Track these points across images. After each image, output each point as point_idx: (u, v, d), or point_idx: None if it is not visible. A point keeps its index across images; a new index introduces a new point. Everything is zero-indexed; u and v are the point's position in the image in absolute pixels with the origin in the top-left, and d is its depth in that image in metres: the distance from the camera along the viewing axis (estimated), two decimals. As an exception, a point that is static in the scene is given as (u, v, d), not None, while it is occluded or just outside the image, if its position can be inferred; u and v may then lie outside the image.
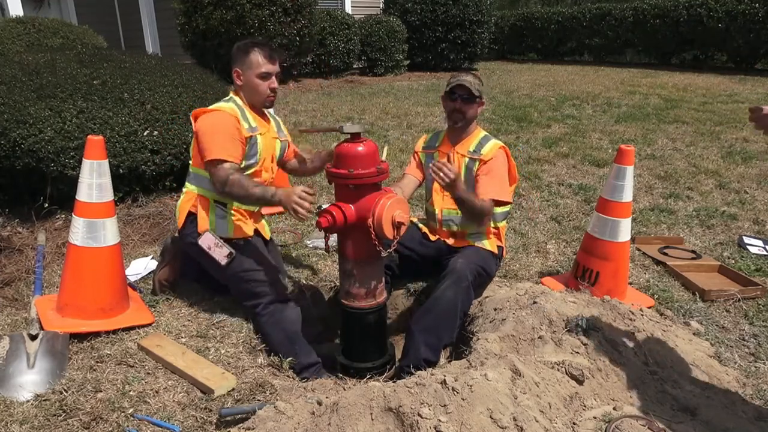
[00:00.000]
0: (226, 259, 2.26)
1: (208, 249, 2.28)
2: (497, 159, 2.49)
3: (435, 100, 7.64)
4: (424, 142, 2.77)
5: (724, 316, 2.54)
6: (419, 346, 2.32)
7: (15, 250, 3.07)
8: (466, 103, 2.48)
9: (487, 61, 14.13)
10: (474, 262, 2.48)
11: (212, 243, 2.27)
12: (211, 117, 2.26)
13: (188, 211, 2.35)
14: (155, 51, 9.30)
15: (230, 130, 2.22)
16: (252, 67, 2.27)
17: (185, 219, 2.36)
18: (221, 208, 2.34)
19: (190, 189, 2.39)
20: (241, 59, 2.29)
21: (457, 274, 2.38)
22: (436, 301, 2.35)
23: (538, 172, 4.62)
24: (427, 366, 2.26)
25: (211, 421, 1.81)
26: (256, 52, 2.27)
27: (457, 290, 2.35)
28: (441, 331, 2.34)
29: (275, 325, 2.27)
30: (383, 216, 2.03)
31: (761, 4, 10.32)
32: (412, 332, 2.37)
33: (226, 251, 2.26)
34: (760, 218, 3.61)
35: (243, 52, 2.28)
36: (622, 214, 2.57)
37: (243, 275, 2.29)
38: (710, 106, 7.22)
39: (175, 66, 4.44)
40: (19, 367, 1.97)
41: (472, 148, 2.53)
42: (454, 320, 2.36)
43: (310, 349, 2.33)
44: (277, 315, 2.28)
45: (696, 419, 1.80)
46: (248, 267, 2.30)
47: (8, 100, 3.33)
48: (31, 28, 6.56)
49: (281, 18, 8.02)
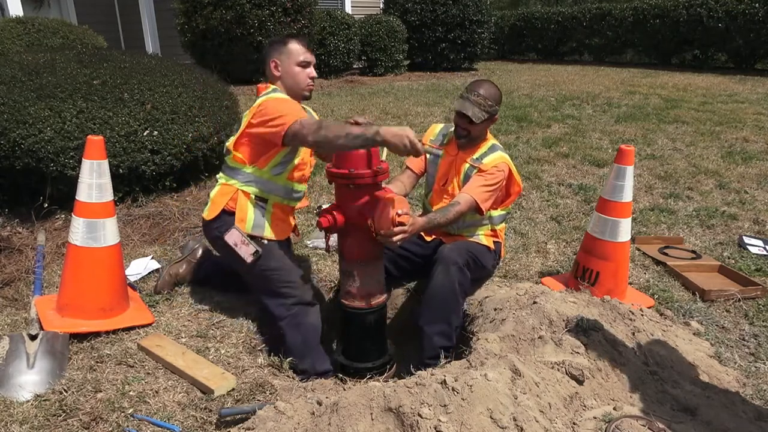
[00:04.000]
0: (251, 257, 2.22)
1: (234, 245, 2.23)
2: (494, 169, 2.47)
3: (435, 100, 7.64)
4: (432, 134, 2.72)
5: (724, 316, 2.54)
6: (432, 338, 2.35)
7: (15, 250, 3.07)
8: (471, 124, 2.45)
9: (487, 61, 14.14)
10: (463, 248, 2.48)
11: (239, 240, 2.23)
12: (277, 99, 2.21)
13: (223, 207, 2.27)
14: (155, 51, 9.29)
15: (298, 107, 2.22)
16: (291, 56, 2.27)
17: (218, 213, 2.28)
18: (261, 206, 2.30)
19: (229, 182, 2.31)
20: (279, 49, 2.29)
21: (445, 260, 2.39)
22: (432, 291, 2.37)
23: (538, 172, 4.62)
24: (445, 353, 2.31)
25: (211, 421, 1.81)
26: (295, 42, 2.29)
27: (449, 273, 2.35)
28: (448, 316, 2.37)
29: (295, 328, 2.25)
30: (384, 216, 2.03)
31: (761, 4, 10.32)
32: (422, 328, 2.39)
33: (252, 249, 2.22)
34: (760, 218, 3.61)
35: (281, 43, 2.30)
36: (622, 214, 2.57)
37: (269, 274, 2.26)
38: (710, 106, 7.22)
39: (175, 66, 4.43)
40: (19, 367, 1.96)
41: (476, 156, 2.53)
42: (456, 301, 2.38)
43: (326, 357, 2.33)
44: (299, 318, 2.26)
45: (696, 419, 1.80)
46: (274, 266, 2.26)
47: (8, 100, 3.33)
48: (31, 28, 6.56)
49: (281, 18, 8.02)
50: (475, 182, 2.45)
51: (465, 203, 2.40)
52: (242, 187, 2.28)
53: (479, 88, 2.45)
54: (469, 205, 2.41)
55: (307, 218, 3.65)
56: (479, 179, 2.45)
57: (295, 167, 2.33)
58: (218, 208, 2.28)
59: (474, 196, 2.41)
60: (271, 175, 2.28)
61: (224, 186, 2.32)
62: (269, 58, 2.30)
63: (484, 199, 2.43)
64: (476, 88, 2.45)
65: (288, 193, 2.35)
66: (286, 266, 2.29)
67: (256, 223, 2.28)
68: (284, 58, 2.28)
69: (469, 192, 2.42)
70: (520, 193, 2.71)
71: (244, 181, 2.28)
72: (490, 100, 2.44)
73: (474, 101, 2.41)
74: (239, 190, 2.28)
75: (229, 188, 2.30)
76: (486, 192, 2.44)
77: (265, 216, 2.31)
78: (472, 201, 2.41)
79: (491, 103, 2.44)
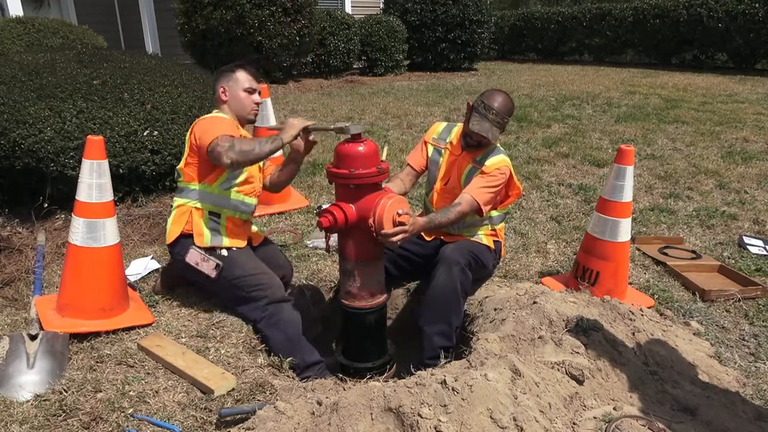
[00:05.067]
0: (214, 271, 2.29)
1: (195, 265, 2.31)
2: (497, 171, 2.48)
3: (435, 100, 7.64)
4: (435, 132, 2.71)
5: (724, 316, 2.54)
6: (432, 338, 2.36)
7: (15, 250, 3.07)
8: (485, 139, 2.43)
9: (487, 61, 14.14)
10: (465, 248, 2.49)
11: (199, 258, 2.31)
12: (210, 118, 2.36)
13: (181, 231, 2.35)
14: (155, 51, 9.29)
15: (230, 125, 2.35)
16: (238, 83, 2.41)
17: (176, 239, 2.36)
18: (215, 220, 2.38)
19: (181, 203, 2.40)
20: (228, 77, 2.42)
21: (447, 261, 2.40)
22: (434, 291, 2.37)
23: (538, 172, 4.62)
24: (445, 353, 2.33)
25: (211, 421, 1.81)
26: (242, 71, 2.43)
27: (451, 273, 2.37)
28: (449, 316, 2.37)
29: (273, 327, 2.28)
30: (384, 216, 2.03)
31: (761, 4, 10.33)
32: (422, 328, 2.40)
33: (213, 264, 2.30)
34: (760, 218, 3.61)
35: (229, 71, 2.43)
36: (622, 214, 2.57)
37: (234, 282, 2.32)
38: (710, 106, 7.22)
39: (175, 66, 4.43)
40: (19, 367, 1.96)
41: (479, 158, 2.53)
42: (458, 302, 2.39)
43: (312, 348, 2.34)
44: (275, 317, 2.29)
45: (696, 419, 1.80)
46: (238, 274, 2.32)
47: (8, 100, 3.33)
48: (31, 28, 6.56)
49: (281, 18, 8.02)
50: (476, 183, 2.45)
51: (466, 204, 2.40)
52: (195, 204, 2.37)
53: (494, 102, 2.40)
54: (471, 205, 2.41)
55: (307, 218, 3.65)
56: (481, 180, 2.45)
57: (244, 181, 2.41)
58: (176, 233, 2.36)
59: (475, 197, 2.41)
60: (220, 190, 2.37)
61: (178, 208, 2.40)
62: (218, 84, 2.43)
63: (485, 201, 2.44)
64: (492, 104, 2.40)
65: (238, 207, 2.43)
66: (250, 271, 2.34)
67: (211, 238, 2.36)
68: (232, 84, 2.41)
69: (470, 193, 2.42)
70: (519, 195, 2.72)
71: (196, 198, 2.37)
72: (507, 115, 2.45)
73: (492, 120, 2.40)
74: (192, 209, 2.36)
75: (184, 209, 2.38)
76: (488, 193, 2.44)
77: (220, 229, 2.39)
78: (473, 202, 2.41)
79: (507, 119, 2.47)
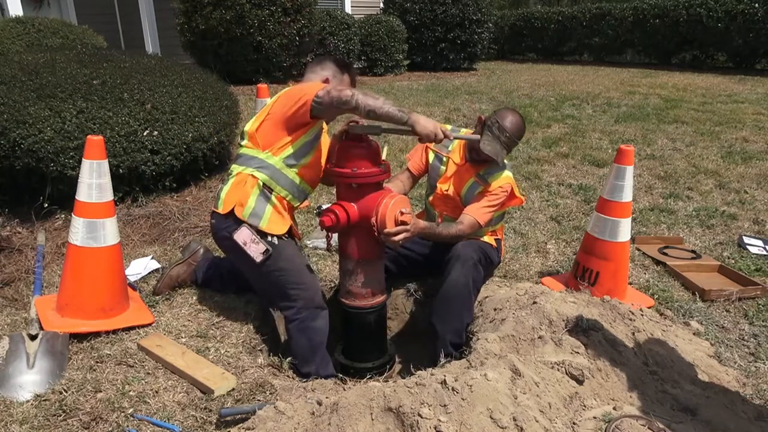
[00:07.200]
0: (261, 256, 2.14)
1: (243, 244, 2.15)
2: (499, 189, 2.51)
3: (435, 100, 7.64)
4: None
5: (724, 316, 2.54)
6: (446, 335, 2.39)
7: (15, 250, 3.07)
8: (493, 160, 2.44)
9: (487, 61, 14.13)
10: (476, 245, 2.54)
11: (248, 238, 2.15)
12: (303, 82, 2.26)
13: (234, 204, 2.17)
14: (155, 51, 9.30)
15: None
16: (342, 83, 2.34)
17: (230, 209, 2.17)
18: (266, 194, 2.19)
19: (240, 170, 2.21)
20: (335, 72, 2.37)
21: (461, 257, 2.44)
22: (447, 288, 2.40)
23: (538, 172, 4.62)
24: (455, 350, 2.36)
25: (211, 421, 1.81)
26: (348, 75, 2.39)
27: (464, 270, 2.40)
28: (461, 313, 2.41)
29: (302, 332, 2.23)
30: (387, 215, 2.04)
31: (761, 4, 10.33)
32: (435, 326, 2.42)
33: (262, 248, 2.14)
34: (760, 218, 3.61)
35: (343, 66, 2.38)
36: (622, 214, 2.57)
37: (278, 275, 2.20)
38: (710, 106, 7.22)
39: (175, 66, 4.43)
40: (19, 367, 1.96)
41: (482, 172, 2.53)
42: (470, 299, 2.43)
43: (329, 361, 2.32)
44: (307, 322, 2.22)
45: (696, 419, 1.80)
46: (284, 267, 2.20)
47: (8, 100, 3.33)
48: (31, 28, 6.56)
49: (281, 18, 8.01)
50: (479, 203, 2.50)
51: (468, 225, 2.47)
52: (252, 171, 2.19)
53: (508, 123, 2.39)
54: (472, 227, 2.48)
55: (307, 218, 3.65)
56: (484, 200, 2.51)
57: (308, 164, 2.25)
58: (232, 202, 2.17)
59: (478, 219, 2.48)
60: (282, 164, 2.19)
61: (237, 176, 2.21)
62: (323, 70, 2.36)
63: (485, 220, 2.51)
64: (505, 125, 2.39)
65: (294, 189, 2.26)
66: (295, 267, 2.23)
67: (254, 211, 2.18)
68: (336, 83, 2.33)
69: (473, 214, 2.48)
70: (521, 204, 2.75)
71: (257, 167, 2.19)
72: (518, 139, 2.47)
73: (504, 143, 2.39)
74: (249, 176, 2.19)
75: (242, 176, 2.19)
76: (488, 213, 2.52)
77: (266, 206, 2.20)
78: (475, 223, 2.48)
79: (517, 142, 2.49)
